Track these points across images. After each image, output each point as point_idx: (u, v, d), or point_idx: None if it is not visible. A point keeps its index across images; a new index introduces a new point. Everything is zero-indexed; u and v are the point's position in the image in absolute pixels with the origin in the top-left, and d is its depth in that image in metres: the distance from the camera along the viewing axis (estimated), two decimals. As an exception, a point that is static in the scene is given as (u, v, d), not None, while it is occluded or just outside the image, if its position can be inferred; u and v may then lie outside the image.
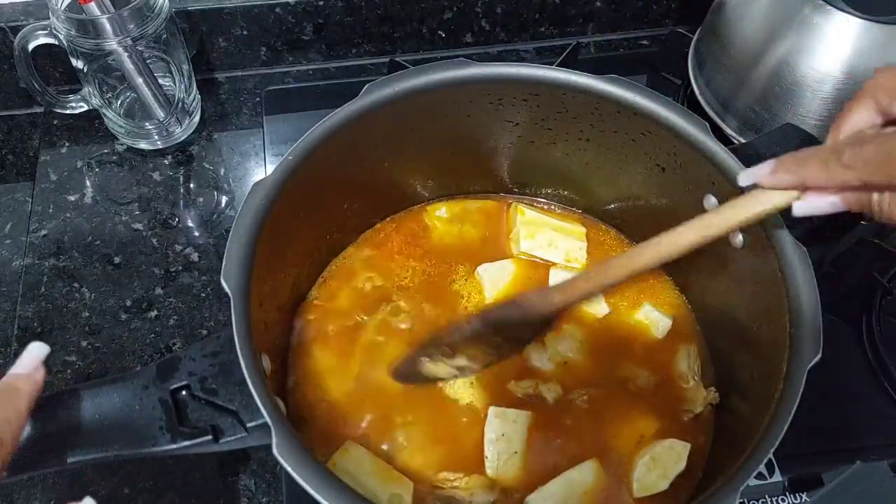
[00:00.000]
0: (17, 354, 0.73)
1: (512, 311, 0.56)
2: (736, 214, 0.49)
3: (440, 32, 0.97)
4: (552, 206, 0.78)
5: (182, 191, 0.87)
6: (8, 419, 0.42)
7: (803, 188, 0.44)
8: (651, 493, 0.61)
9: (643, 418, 0.65)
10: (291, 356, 0.67)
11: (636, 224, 0.74)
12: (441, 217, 0.76)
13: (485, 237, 0.75)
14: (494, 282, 0.71)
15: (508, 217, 0.76)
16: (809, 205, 0.44)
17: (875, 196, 0.42)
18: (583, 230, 0.74)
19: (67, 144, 0.90)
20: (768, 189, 0.46)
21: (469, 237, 0.75)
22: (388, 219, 0.76)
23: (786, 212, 0.55)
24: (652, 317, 0.70)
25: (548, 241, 0.72)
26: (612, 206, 0.75)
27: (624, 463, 0.63)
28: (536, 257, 0.73)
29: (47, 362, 0.46)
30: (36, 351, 0.46)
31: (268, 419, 0.46)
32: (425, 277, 0.72)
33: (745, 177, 0.48)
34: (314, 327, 0.69)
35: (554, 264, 0.72)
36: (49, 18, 0.76)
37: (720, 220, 0.49)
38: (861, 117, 0.43)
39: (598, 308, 0.70)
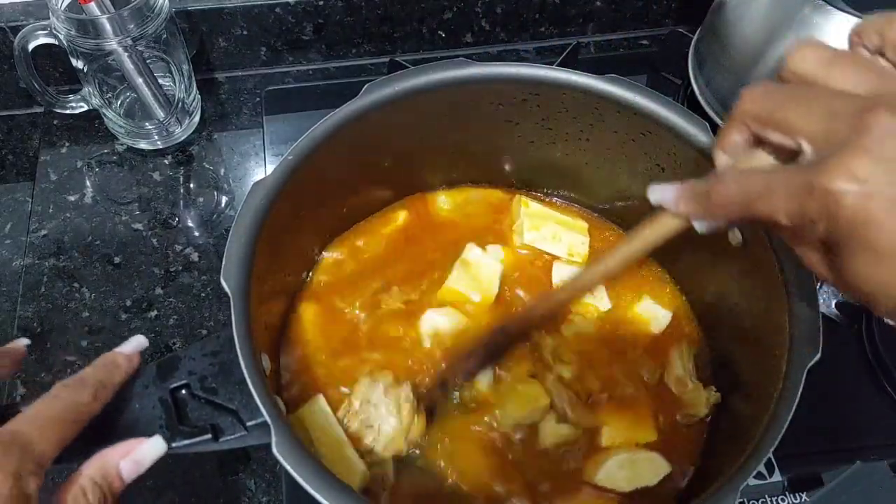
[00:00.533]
0: (17, 354, 0.73)
1: (476, 358, 0.64)
2: (652, 235, 0.52)
3: (440, 32, 0.97)
4: (551, 205, 0.78)
5: (182, 191, 0.87)
6: (103, 383, 0.48)
7: (702, 218, 0.46)
8: (607, 486, 0.61)
9: (642, 424, 0.64)
10: (288, 352, 0.67)
11: (636, 223, 0.74)
12: (443, 207, 0.76)
13: (487, 227, 0.75)
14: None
15: (512, 208, 0.75)
16: (705, 226, 0.46)
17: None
18: (585, 225, 0.74)
19: (67, 144, 0.90)
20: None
21: (474, 224, 0.75)
22: (388, 214, 0.76)
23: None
24: (652, 312, 0.70)
25: (552, 234, 0.72)
26: (612, 205, 0.75)
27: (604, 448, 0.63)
28: (539, 249, 0.73)
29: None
30: (139, 341, 0.52)
31: (267, 418, 0.46)
32: (426, 273, 0.72)
33: (653, 196, 0.49)
34: (314, 326, 0.69)
35: (557, 258, 0.72)
36: (49, 18, 0.77)
37: (641, 240, 0.53)
38: (734, 139, 0.43)
39: (601, 304, 0.71)
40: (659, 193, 0.48)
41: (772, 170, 0.41)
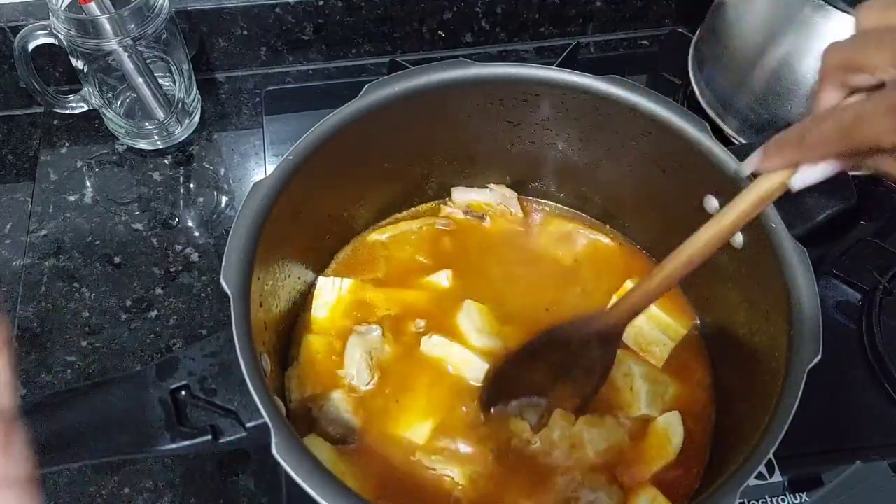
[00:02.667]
0: (17, 355, 0.73)
1: (570, 327, 0.62)
2: (746, 203, 0.50)
3: (440, 32, 0.97)
4: (552, 207, 0.78)
5: (182, 191, 0.87)
6: None
7: (793, 166, 0.47)
8: None
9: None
10: (291, 354, 0.67)
11: (636, 223, 0.74)
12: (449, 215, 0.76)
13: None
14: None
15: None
16: (802, 178, 0.47)
17: (859, 160, 0.45)
18: (682, 331, 0.70)
19: (67, 144, 0.90)
20: (766, 174, 0.49)
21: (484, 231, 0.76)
22: (390, 217, 0.76)
23: (786, 213, 0.56)
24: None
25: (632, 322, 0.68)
26: (613, 205, 0.75)
27: None
28: None
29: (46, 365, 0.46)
30: None
31: (267, 419, 0.46)
32: (429, 276, 0.72)
33: (746, 167, 0.50)
34: (314, 326, 0.69)
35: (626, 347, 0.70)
36: (49, 18, 0.76)
37: (734, 213, 0.51)
38: (829, 97, 0.46)
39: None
40: (751, 160, 0.50)
41: (863, 99, 0.44)
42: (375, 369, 0.65)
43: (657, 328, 0.68)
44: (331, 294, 0.69)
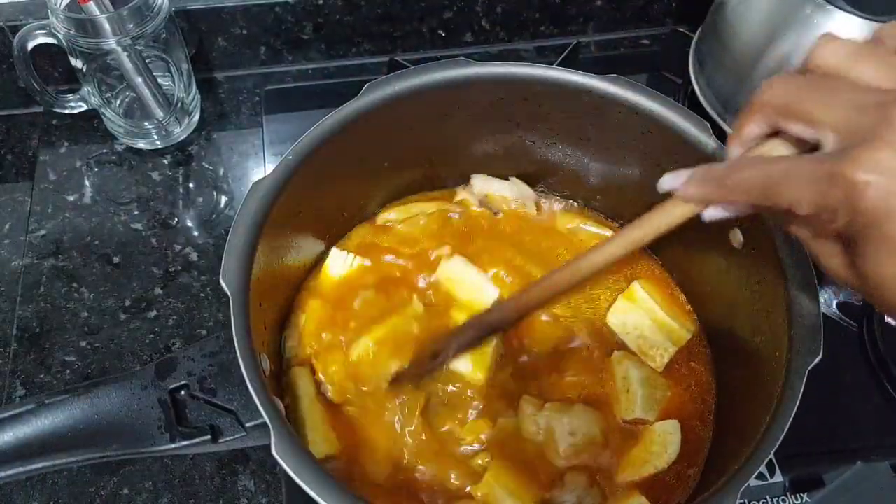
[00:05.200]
0: (16, 355, 0.73)
1: (470, 333, 0.63)
2: (659, 224, 0.50)
3: (440, 32, 0.97)
4: (553, 206, 0.78)
5: (181, 190, 0.86)
6: None
7: (714, 203, 0.46)
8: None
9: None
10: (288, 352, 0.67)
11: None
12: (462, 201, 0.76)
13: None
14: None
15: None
16: (714, 213, 0.46)
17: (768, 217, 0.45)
18: (685, 335, 0.69)
19: (66, 144, 0.90)
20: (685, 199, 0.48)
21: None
22: (391, 216, 0.76)
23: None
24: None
25: (634, 324, 0.69)
26: (613, 205, 0.75)
27: None
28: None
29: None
30: None
31: (266, 419, 0.46)
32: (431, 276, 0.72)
33: (664, 185, 0.49)
34: (313, 327, 0.68)
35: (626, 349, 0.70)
36: (48, 18, 0.76)
37: (647, 227, 0.51)
38: (752, 130, 0.44)
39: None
40: (670, 180, 0.48)
41: (793, 157, 0.41)
42: None
43: (660, 332, 0.67)
44: (341, 268, 0.69)
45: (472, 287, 0.68)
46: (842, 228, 0.38)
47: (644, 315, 0.68)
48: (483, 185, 0.75)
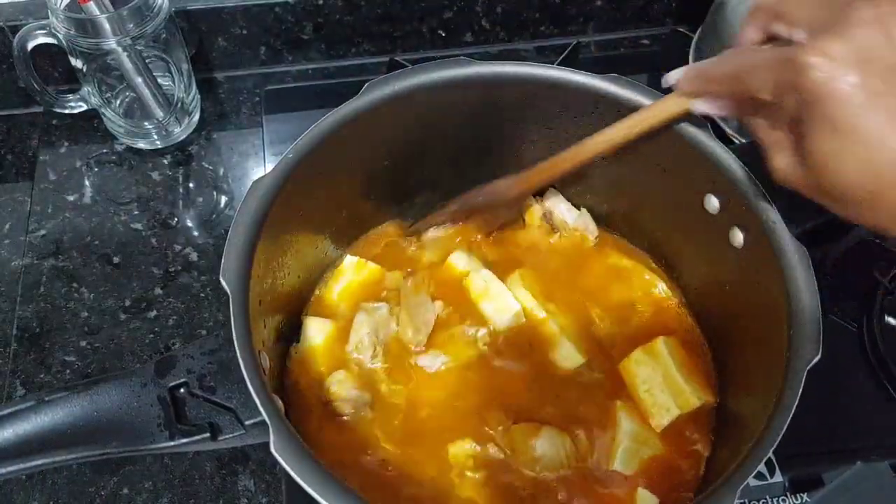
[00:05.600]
0: (16, 354, 0.73)
1: (480, 196, 0.71)
2: (655, 114, 0.58)
3: (440, 31, 0.97)
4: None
5: (181, 190, 0.86)
6: None
7: (700, 94, 0.52)
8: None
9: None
10: (292, 352, 0.67)
11: (636, 224, 0.74)
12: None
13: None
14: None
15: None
16: (700, 106, 0.53)
17: (739, 109, 0.49)
18: (695, 403, 0.64)
19: (66, 144, 0.90)
20: (676, 94, 0.55)
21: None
22: (390, 220, 0.76)
23: (787, 213, 0.56)
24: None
25: (645, 377, 0.66)
26: (612, 205, 0.75)
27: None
28: None
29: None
30: None
31: (266, 417, 0.46)
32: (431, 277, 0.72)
33: (667, 80, 0.55)
34: (314, 327, 0.68)
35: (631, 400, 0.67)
36: (48, 18, 0.76)
37: (638, 117, 0.59)
38: (750, 36, 0.49)
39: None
40: (674, 74, 0.55)
41: (763, 49, 0.47)
42: (381, 346, 0.66)
43: (669, 392, 0.64)
44: (353, 275, 0.70)
45: (496, 301, 0.69)
46: (792, 112, 0.42)
47: (658, 372, 0.64)
48: (555, 203, 0.75)
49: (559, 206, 0.74)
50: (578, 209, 0.75)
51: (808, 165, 0.43)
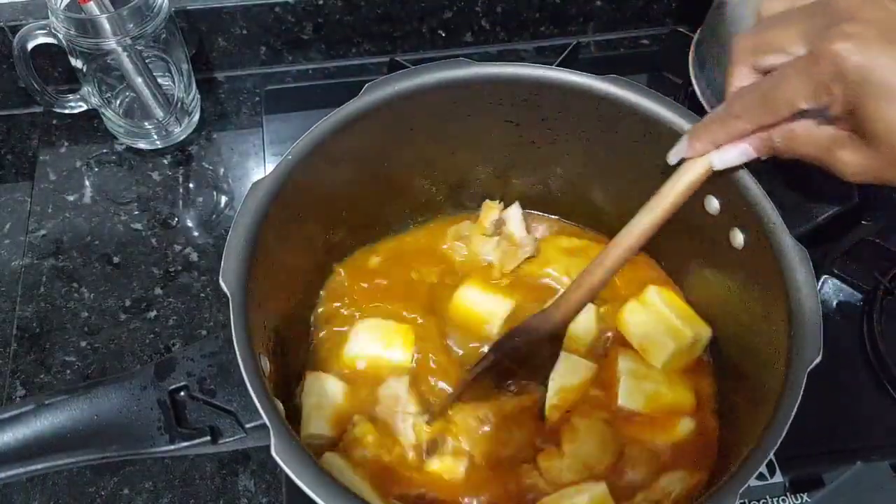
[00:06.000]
0: (16, 355, 0.73)
1: (519, 338, 0.64)
2: (676, 187, 0.56)
3: (440, 32, 0.97)
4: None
5: (181, 191, 0.86)
6: None
7: (717, 147, 0.52)
8: None
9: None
10: (292, 354, 0.67)
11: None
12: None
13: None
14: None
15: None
16: (722, 158, 0.52)
17: (773, 136, 0.49)
18: (688, 335, 0.68)
19: (66, 144, 0.90)
20: (690, 162, 0.54)
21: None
22: (391, 222, 0.76)
23: (786, 213, 0.56)
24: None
25: (641, 322, 0.69)
26: (613, 206, 0.75)
27: None
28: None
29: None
30: None
31: (266, 420, 0.46)
32: (433, 283, 0.72)
33: (672, 157, 0.56)
34: (316, 327, 0.68)
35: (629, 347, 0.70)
36: (48, 18, 0.76)
37: (666, 198, 0.56)
38: (741, 80, 0.49)
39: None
40: (675, 150, 0.55)
41: (777, 69, 0.47)
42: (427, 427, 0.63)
43: (664, 331, 0.67)
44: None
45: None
46: (842, 102, 0.43)
47: (652, 316, 0.67)
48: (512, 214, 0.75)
49: (513, 219, 0.75)
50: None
51: (875, 145, 0.44)
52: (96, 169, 0.88)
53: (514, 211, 0.75)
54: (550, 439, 0.62)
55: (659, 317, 0.67)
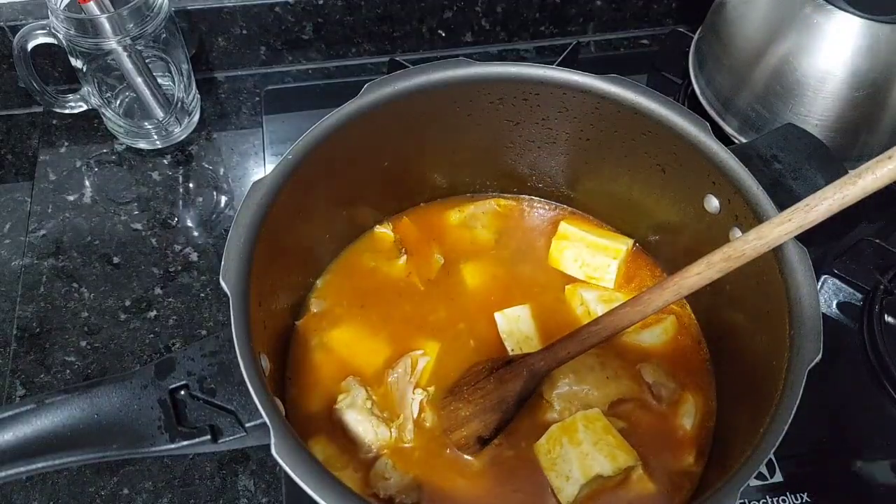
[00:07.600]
0: (16, 354, 0.73)
1: (510, 360, 0.64)
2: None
3: (440, 31, 0.97)
4: (551, 205, 0.78)
5: (181, 190, 0.86)
6: None
7: None
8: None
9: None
10: (291, 354, 0.67)
11: (636, 224, 0.74)
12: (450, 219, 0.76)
13: (499, 241, 0.75)
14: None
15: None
16: None
17: None
18: (621, 248, 0.72)
19: (66, 144, 0.90)
20: None
21: (481, 240, 0.75)
22: (390, 220, 0.76)
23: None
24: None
25: (574, 257, 0.72)
26: (613, 206, 0.75)
27: None
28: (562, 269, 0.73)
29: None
30: None
31: (266, 419, 0.46)
32: (431, 278, 0.72)
33: None
34: (315, 326, 0.68)
35: (576, 280, 0.72)
36: (48, 18, 0.76)
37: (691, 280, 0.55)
38: None
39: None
40: None
41: None
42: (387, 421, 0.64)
43: (597, 253, 0.71)
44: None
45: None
46: None
47: (578, 245, 0.72)
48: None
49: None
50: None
51: None
52: (96, 169, 0.88)
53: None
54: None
55: (585, 243, 0.72)
